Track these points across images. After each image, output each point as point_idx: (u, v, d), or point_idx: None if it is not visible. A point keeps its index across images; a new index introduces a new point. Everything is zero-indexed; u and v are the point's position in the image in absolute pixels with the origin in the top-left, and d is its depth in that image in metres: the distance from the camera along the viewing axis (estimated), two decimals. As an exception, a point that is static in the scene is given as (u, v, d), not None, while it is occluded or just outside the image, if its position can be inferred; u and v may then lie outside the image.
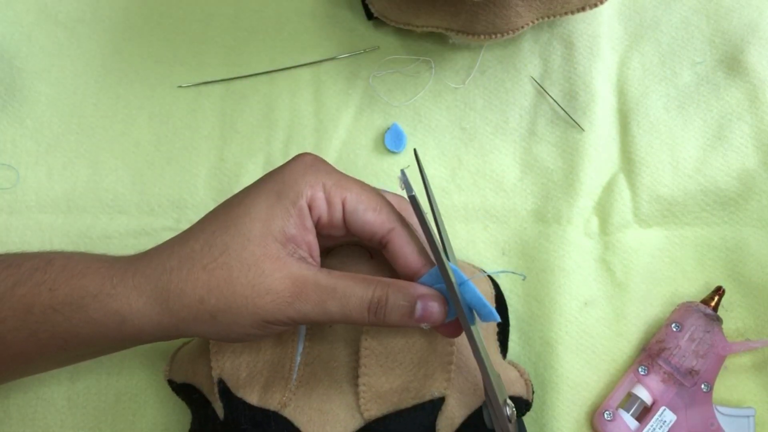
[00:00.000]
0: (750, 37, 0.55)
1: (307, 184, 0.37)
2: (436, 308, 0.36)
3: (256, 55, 0.57)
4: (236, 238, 0.36)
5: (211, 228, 0.37)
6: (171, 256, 0.37)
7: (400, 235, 0.38)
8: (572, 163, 0.53)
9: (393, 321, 0.36)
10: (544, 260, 0.51)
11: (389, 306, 0.36)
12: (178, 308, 0.36)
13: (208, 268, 0.36)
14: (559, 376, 0.49)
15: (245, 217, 0.36)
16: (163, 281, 0.36)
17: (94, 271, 0.37)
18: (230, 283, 0.35)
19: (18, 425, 0.49)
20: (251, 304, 0.35)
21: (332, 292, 0.36)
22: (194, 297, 0.35)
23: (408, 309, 0.36)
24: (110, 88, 0.57)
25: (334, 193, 0.37)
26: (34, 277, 0.37)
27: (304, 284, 0.36)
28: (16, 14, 0.58)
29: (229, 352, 0.42)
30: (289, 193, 0.37)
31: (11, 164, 0.55)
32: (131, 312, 0.36)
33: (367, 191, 0.38)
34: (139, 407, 0.49)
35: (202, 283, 0.35)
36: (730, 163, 0.53)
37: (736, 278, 0.51)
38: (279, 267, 0.36)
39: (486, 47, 0.56)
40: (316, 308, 0.35)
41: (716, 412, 0.46)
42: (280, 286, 0.35)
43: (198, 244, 0.36)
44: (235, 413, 0.41)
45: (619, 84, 0.55)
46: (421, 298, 0.36)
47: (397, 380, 0.40)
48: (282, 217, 0.36)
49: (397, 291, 0.36)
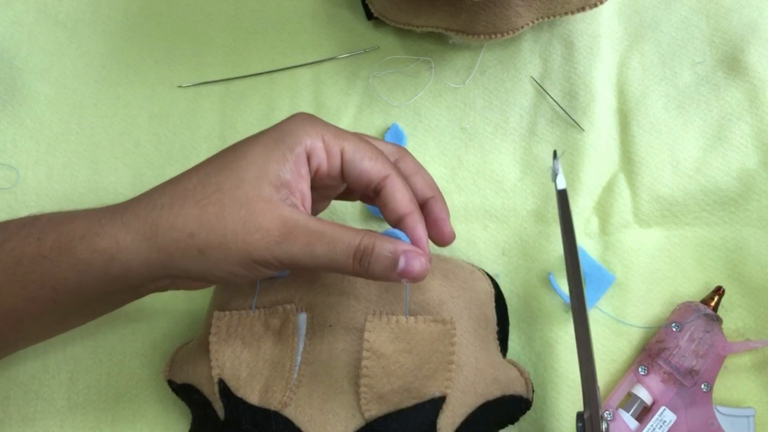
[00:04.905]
0: (750, 37, 0.55)
1: (307, 134, 0.38)
2: (418, 264, 0.37)
3: (256, 55, 0.57)
4: (230, 179, 0.36)
5: (205, 170, 0.38)
6: (162, 195, 0.37)
7: (394, 182, 0.39)
8: (572, 163, 0.53)
9: (376, 271, 0.37)
10: (544, 260, 0.51)
11: (374, 255, 0.36)
12: (166, 243, 0.36)
13: (200, 204, 0.36)
14: (559, 376, 0.49)
15: (241, 160, 0.37)
16: (152, 217, 0.36)
17: (81, 216, 0.38)
18: (221, 219, 0.36)
19: (18, 425, 0.49)
20: (241, 240, 0.36)
21: (321, 236, 0.36)
22: (184, 231, 0.36)
23: (392, 261, 0.37)
24: (110, 88, 0.57)
25: (332, 143, 0.38)
26: (22, 232, 0.38)
27: (294, 226, 0.36)
28: (16, 14, 0.58)
29: (229, 352, 0.42)
30: (287, 139, 0.37)
31: (11, 164, 0.55)
32: (118, 249, 0.36)
33: (363, 141, 0.40)
34: (139, 407, 0.49)
35: (193, 217, 0.36)
36: (730, 163, 0.53)
37: (736, 278, 0.51)
38: (270, 208, 0.36)
39: (486, 47, 0.56)
40: (303, 250, 0.36)
41: (716, 412, 0.46)
42: (270, 225, 0.36)
43: (191, 183, 0.37)
44: (236, 413, 0.41)
45: (619, 84, 0.55)
46: (405, 252, 0.37)
47: (398, 381, 0.40)
48: (278, 162, 0.37)
49: (383, 242, 0.37)
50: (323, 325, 0.42)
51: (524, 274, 0.51)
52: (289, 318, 0.42)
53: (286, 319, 0.42)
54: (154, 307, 0.51)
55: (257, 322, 0.43)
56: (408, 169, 0.42)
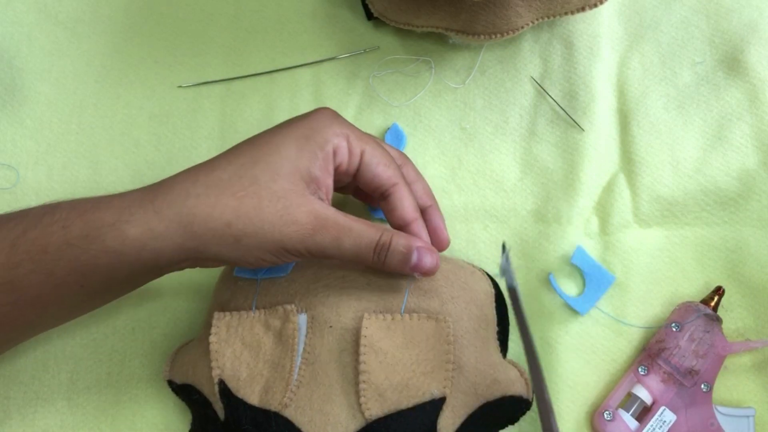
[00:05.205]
0: (750, 37, 0.55)
1: (335, 133, 0.41)
2: (429, 260, 0.41)
3: (256, 55, 0.57)
4: (266, 172, 0.39)
5: (239, 161, 0.39)
6: (195, 184, 0.38)
7: (401, 190, 0.43)
8: (572, 163, 0.53)
9: (392, 264, 0.40)
10: (544, 260, 0.51)
11: (391, 250, 0.40)
12: (202, 231, 0.38)
13: (237, 196, 0.38)
14: (559, 376, 0.49)
15: (275, 155, 0.39)
16: (188, 206, 0.38)
17: (106, 203, 0.38)
18: (259, 211, 0.38)
19: (18, 425, 0.49)
20: (277, 231, 0.38)
21: (349, 230, 0.39)
22: (221, 221, 0.38)
23: (405, 256, 0.40)
24: (110, 88, 0.57)
25: (355, 145, 0.41)
26: (44, 221, 0.38)
27: (325, 220, 0.39)
28: (16, 14, 0.58)
29: (229, 353, 0.42)
30: (318, 138, 0.40)
31: (11, 164, 0.55)
32: (152, 236, 0.37)
33: (380, 147, 0.43)
34: (139, 407, 0.49)
35: (231, 209, 0.38)
36: (730, 163, 0.53)
37: (736, 278, 0.51)
38: (304, 202, 0.39)
39: (486, 47, 0.56)
40: (332, 243, 0.39)
41: (716, 412, 0.46)
42: (305, 219, 0.38)
43: (226, 174, 0.39)
44: (236, 414, 0.41)
45: (619, 84, 0.55)
46: (418, 249, 0.41)
47: (397, 377, 0.41)
48: (309, 159, 0.39)
49: (399, 238, 0.40)
50: (323, 325, 0.42)
51: (524, 274, 0.51)
52: (289, 318, 0.42)
53: (287, 320, 0.42)
54: (154, 307, 0.51)
55: (257, 323, 0.43)
56: (409, 177, 0.45)
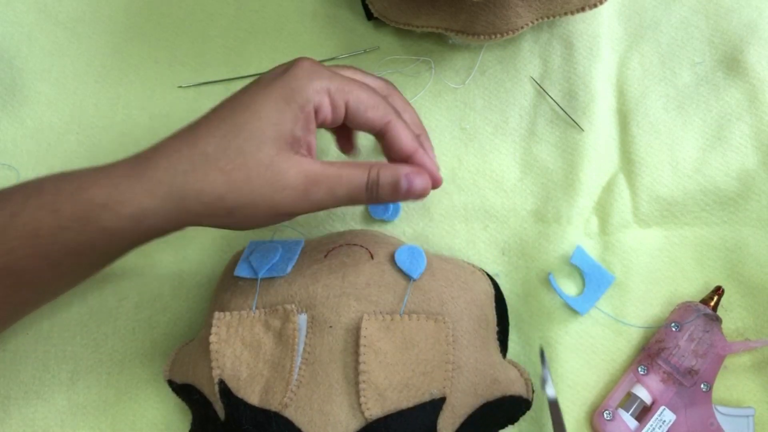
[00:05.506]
0: (749, 37, 0.55)
1: (314, 90, 0.40)
2: (419, 182, 0.41)
3: (257, 55, 0.57)
4: (250, 141, 0.38)
5: (221, 131, 0.39)
6: (181, 159, 0.38)
7: (396, 126, 0.42)
8: (572, 163, 0.53)
9: (385, 197, 0.41)
10: (544, 260, 0.51)
11: (380, 183, 0.40)
12: (195, 206, 0.38)
13: (225, 170, 0.38)
14: (559, 376, 0.49)
15: (256, 121, 0.39)
16: (177, 183, 0.38)
17: (92, 183, 0.38)
18: (249, 183, 0.38)
19: (18, 425, 0.49)
20: (269, 199, 0.38)
21: (339, 179, 0.40)
22: (213, 196, 0.38)
23: (395, 185, 0.41)
24: (110, 88, 0.57)
25: (338, 98, 0.41)
26: (30, 204, 0.38)
27: (315, 176, 0.39)
28: (16, 14, 0.58)
29: (229, 353, 0.42)
30: (298, 98, 0.39)
31: (11, 164, 0.55)
32: (145, 215, 0.38)
33: (365, 91, 0.42)
34: (139, 407, 0.50)
35: (221, 183, 0.38)
36: (729, 163, 0.53)
37: (736, 278, 0.51)
38: (292, 165, 0.39)
39: (486, 47, 0.56)
40: (326, 195, 0.39)
41: (716, 412, 0.47)
42: (296, 182, 0.39)
43: (210, 147, 0.38)
44: (236, 414, 0.41)
45: (618, 84, 0.55)
46: (406, 175, 0.41)
47: (397, 376, 0.41)
48: (291, 121, 0.39)
49: (386, 170, 0.41)
50: (323, 325, 0.42)
51: (524, 274, 0.51)
52: (289, 318, 0.42)
53: (287, 320, 0.42)
54: (154, 307, 0.51)
55: (257, 323, 0.43)
56: (397, 107, 0.45)
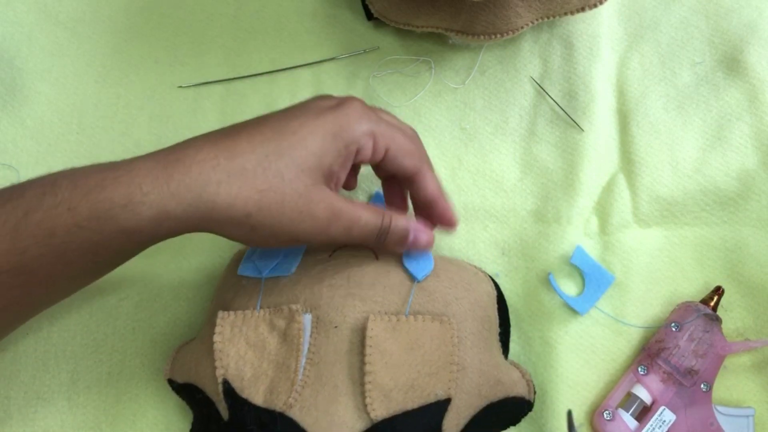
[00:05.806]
0: (749, 37, 0.55)
1: (363, 132, 0.41)
2: (423, 238, 0.44)
3: (257, 56, 0.57)
4: (291, 168, 0.39)
5: (264, 150, 0.39)
6: (216, 169, 0.38)
7: (425, 174, 0.45)
8: (572, 163, 0.53)
9: (390, 244, 0.43)
10: (544, 260, 0.51)
11: (391, 232, 0.42)
12: (220, 217, 0.38)
13: (261, 190, 0.38)
14: (559, 375, 0.49)
15: (302, 150, 0.39)
16: (208, 193, 0.37)
17: (112, 181, 0.37)
18: (280, 207, 0.39)
19: (18, 425, 0.49)
20: (295, 226, 0.39)
21: (358, 219, 0.41)
22: (242, 212, 0.38)
23: (403, 237, 0.43)
24: (110, 88, 0.57)
25: (380, 143, 0.42)
26: (45, 201, 0.37)
27: (338, 213, 0.40)
28: (16, 14, 0.58)
29: (233, 353, 0.42)
30: (345, 136, 0.40)
31: (11, 164, 0.55)
32: (168, 218, 0.37)
33: (405, 140, 0.44)
34: (140, 407, 0.49)
35: (254, 202, 0.38)
36: (729, 163, 0.53)
37: (736, 278, 0.51)
38: (323, 198, 0.40)
39: (486, 47, 0.56)
40: (343, 231, 0.41)
41: (716, 412, 0.47)
42: (322, 214, 0.40)
43: (250, 163, 0.38)
44: (240, 414, 0.41)
45: (618, 84, 0.55)
46: (414, 229, 0.43)
47: (402, 377, 0.41)
48: (333, 156, 0.40)
49: (397, 221, 0.43)
50: (328, 326, 0.42)
51: (524, 274, 0.51)
52: (294, 318, 0.42)
53: (292, 320, 0.42)
54: (154, 307, 0.51)
55: (262, 323, 0.43)
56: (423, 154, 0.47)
